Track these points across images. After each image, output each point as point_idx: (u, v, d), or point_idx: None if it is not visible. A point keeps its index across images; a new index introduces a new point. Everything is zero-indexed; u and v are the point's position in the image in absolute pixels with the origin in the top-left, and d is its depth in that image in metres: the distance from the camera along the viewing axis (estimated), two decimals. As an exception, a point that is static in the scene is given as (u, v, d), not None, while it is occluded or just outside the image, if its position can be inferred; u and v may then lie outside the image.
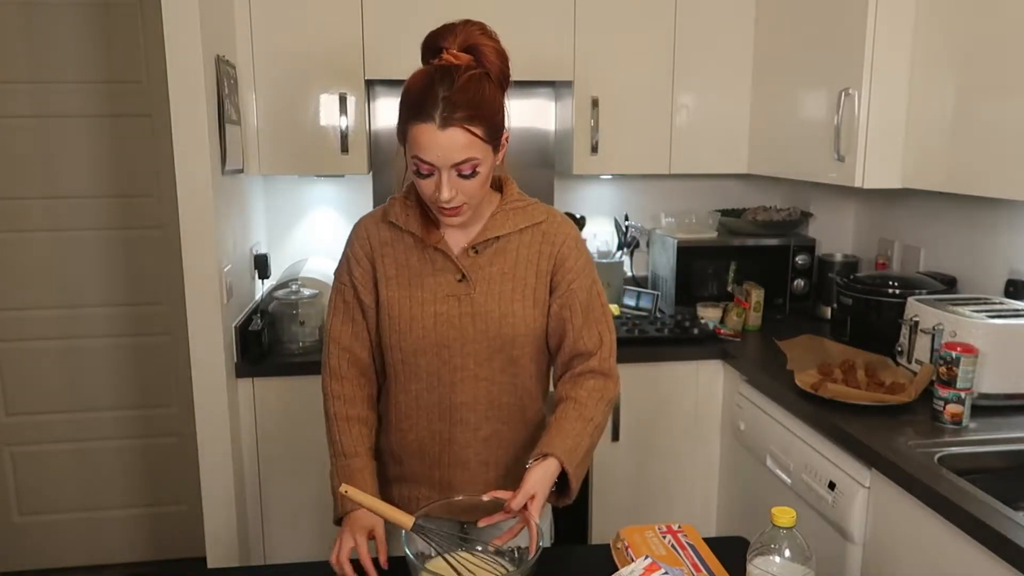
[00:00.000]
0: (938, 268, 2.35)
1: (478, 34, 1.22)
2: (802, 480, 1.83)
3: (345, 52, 2.35)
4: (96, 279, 2.73)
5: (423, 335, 1.31)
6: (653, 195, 2.92)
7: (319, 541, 2.28)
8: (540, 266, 1.34)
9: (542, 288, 1.34)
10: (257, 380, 2.24)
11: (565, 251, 1.34)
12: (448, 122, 1.15)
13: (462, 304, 1.31)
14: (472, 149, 1.18)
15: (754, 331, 2.52)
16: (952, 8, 1.84)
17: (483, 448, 1.37)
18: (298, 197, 2.78)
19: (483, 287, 1.31)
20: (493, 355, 1.32)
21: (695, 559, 1.21)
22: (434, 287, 1.31)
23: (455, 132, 1.15)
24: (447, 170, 1.18)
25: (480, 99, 1.18)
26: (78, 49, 2.57)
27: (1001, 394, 1.76)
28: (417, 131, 1.16)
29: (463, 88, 1.16)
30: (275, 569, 1.38)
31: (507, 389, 1.36)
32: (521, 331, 1.32)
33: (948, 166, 1.86)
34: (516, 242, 1.34)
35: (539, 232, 1.35)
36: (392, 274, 1.33)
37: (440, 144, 1.16)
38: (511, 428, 1.38)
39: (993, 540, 1.25)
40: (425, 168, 1.19)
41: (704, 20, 2.50)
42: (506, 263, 1.33)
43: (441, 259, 1.32)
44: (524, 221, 1.34)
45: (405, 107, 1.20)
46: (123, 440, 2.84)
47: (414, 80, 1.21)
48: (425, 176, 1.20)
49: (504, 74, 1.24)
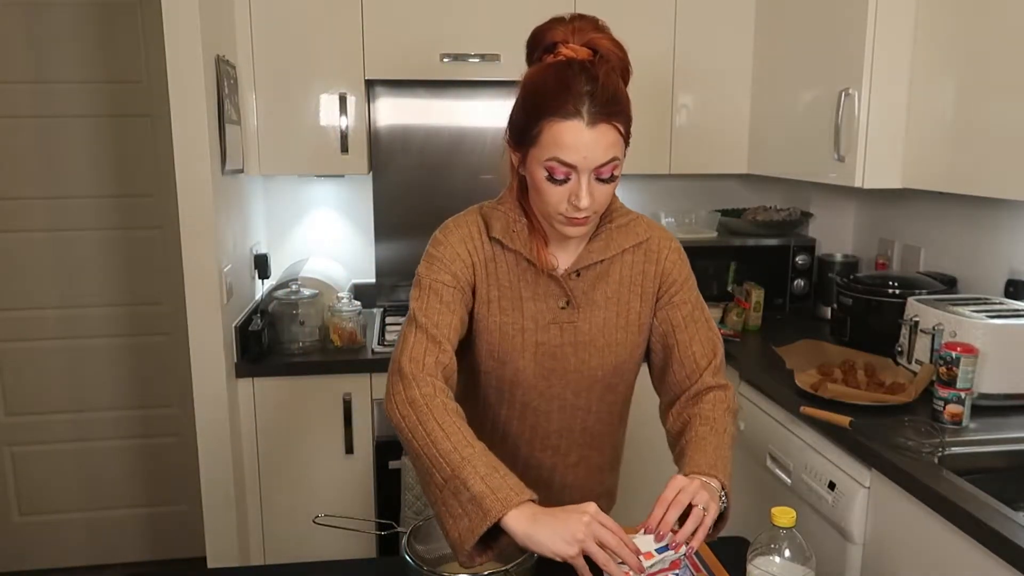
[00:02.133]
0: (938, 268, 2.34)
1: (591, 29, 1.13)
2: (802, 480, 1.83)
3: (345, 52, 2.35)
4: (96, 279, 2.73)
5: (523, 367, 1.21)
6: (653, 195, 2.92)
7: (319, 541, 2.28)
8: (645, 288, 1.24)
9: (647, 312, 1.25)
10: (257, 380, 2.24)
11: (668, 266, 1.25)
12: (597, 118, 1.05)
13: (564, 333, 1.21)
14: (616, 148, 1.09)
15: (754, 331, 2.52)
16: (952, 8, 1.83)
17: (569, 472, 1.32)
18: (298, 197, 2.78)
19: (586, 313, 1.21)
20: (593, 385, 1.25)
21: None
22: (535, 313, 1.20)
23: (605, 129, 1.06)
24: (587, 174, 1.08)
25: (620, 93, 1.10)
26: (78, 49, 2.57)
27: (1001, 394, 1.76)
28: (559, 129, 1.05)
29: (605, 83, 1.07)
30: (275, 569, 1.38)
31: (602, 417, 1.29)
32: (624, 360, 1.24)
33: (948, 166, 1.86)
34: (619, 263, 1.23)
35: (641, 251, 1.24)
36: (495, 296, 1.20)
37: (587, 143, 1.05)
38: (599, 452, 1.34)
39: (993, 540, 1.25)
40: (562, 172, 1.08)
41: (704, 20, 2.50)
42: (609, 287, 1.22)
43: (544, 282, 1.20)
44: (629, 241, 1.23)
45: (536, 105, 1.08)
46: (123, 440, 2.84)
47: (542, 76, 1.10)
48: (560, 182, 1.09)
49: (627, 66, 1.15)
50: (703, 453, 1.12)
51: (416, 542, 1.12)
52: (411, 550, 1.09)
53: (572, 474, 1.32)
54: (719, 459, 1.12)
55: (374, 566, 1.34)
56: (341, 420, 2.28)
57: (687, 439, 1.17)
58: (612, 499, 1.48)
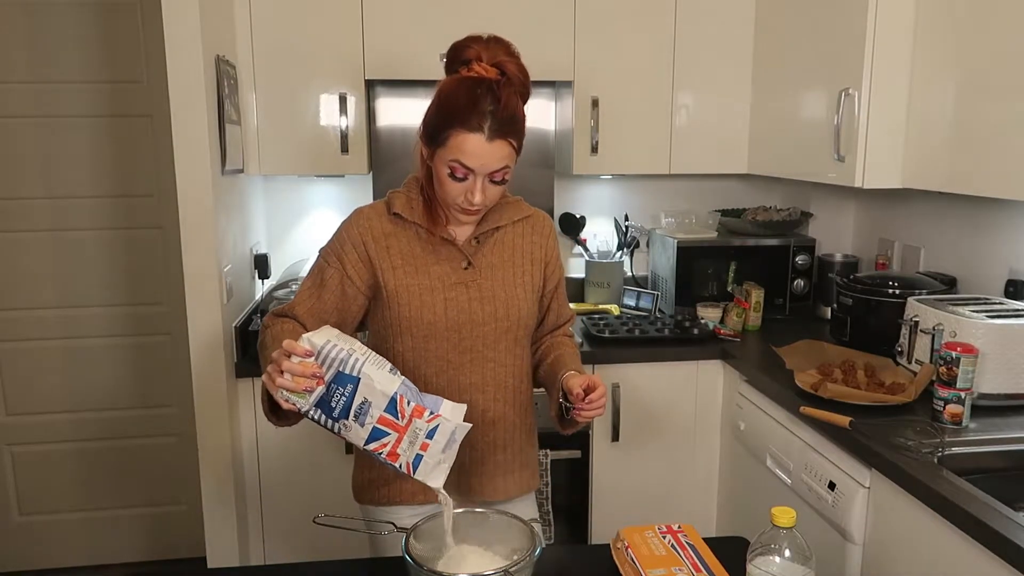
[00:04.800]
0: (938, 268, 2.35)
1: (503, 53, 1.31)
2: (802, 480, 1.83)
3: (345, 52, 2.35)
4: (96, 279, 2.73)
5: (434, 320, 1.37)
6: (653, 195, 2.92)
7: (319, 541, 2.28)
8: (535, 255, 1.47)
9: (537, 275, 1.47)
10: (257, 380, 2.24)
11: (552, 242, 1.51)
12: (495, 135, 1.26)
13: (470, 290, 1.39)
14: (509, 159, 1.30)
15: (754, 331, 2.52)
16: (952, 8, 1.84)
17: (490, 430, 1.43)
18: (298, 197, 2.78)
19: (487, 273, 1.41)
20: (500, 337, 1.41)
21: (695, 559, 1.21)
22: (441, 275, 1.38)
23: (500, 144, 1.27)
24: (483, 177, 1.29)
25: (518, 114, 1.30)
26: (78, 49, 2.58)
27: (1001, 394, 1.76)
28: (462, 139, 1.26)
29: (507, 105, 1.27)
30: (275, 569, 1.38)
31: (511, 371, 1.45)
32: (524, 313, 1.43)
33: (948, 166, 1.86)
34: (511, 233, 1.46)
35: (528, 225, 1.48)
36: (399, 263, 1.38)
37: (485, 153, 1.27)
38: (515, 410, 1.46)
39: (993, 540, 1.25)
40: (462, 172, 1.29)
41: (704, 20, 2.50)
42: (504, 252, 1.44)
43: (446, 248, 1.40)
44: (516, 214, 1.46)
45: (447, 114, 1.28)
46: (123, 440, 2.84)
47: (454, 89, 1.29)
48: (460, 180, 1.30)
49: (527, 89, 1.34)
50: (575, 363, 1.45)
51: (416, 542, 1.12)
52: (411, 550, 1.09)
53: (493, 431, 1.44)
54: (581, 368, 1.44)
55: (374, 566, 1.34)
56: (341, 420, 2.27)
57: (559, 354, 1.48)
58: (534, 474, 1.54)
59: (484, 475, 1.44)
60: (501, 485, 1.45)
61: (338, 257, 1.39)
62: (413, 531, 1.14)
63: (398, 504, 1.42)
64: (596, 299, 2.80)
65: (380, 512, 1.44)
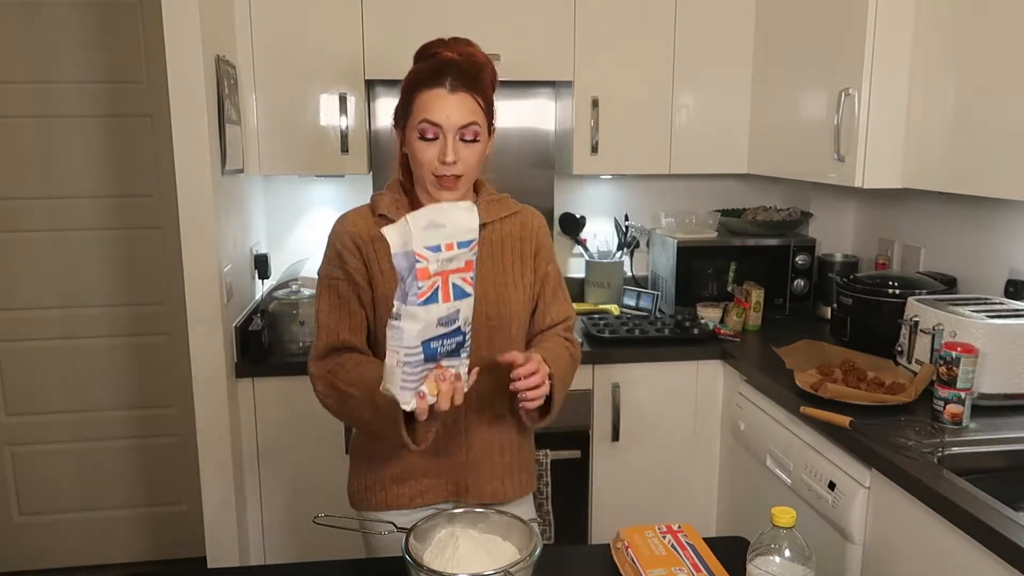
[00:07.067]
0: (938, 268, 2.35)
1: (465, 44, 1.34)
2: (802, 480, 1.83)
3: (345, 52, 2.36)
4: (96, 279, 2.73)
5: None
6: (653, 195, 2.92)
7: (318, 541, 2.28)
8: (524, 251, 1.44)
9: (528, 271, 1.44)
10: (257, 380, 2.24)
11: (542, 237, 1.47)
12: (457, 88, 1.27)
13: None
14: (476, 115, 1.29)
15: (754, 331, 2.52)
16: (952, 8, 1.84)
17: (487, 431, 1.42)
18: (298, 197, 2.78)
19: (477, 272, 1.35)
20: (493, 336, 1.38)
21: (695, 559, 1.21)
22: None
23: (464, 97, 1.28)
24: (453, 133, 1.28)
25: (482, 78, 1.31)
26: (79, 49, 2.58)
27: (1001, 394, 1.76)
28: (426, 96, 1.27)
29: (468, 66, 1.30)
30: (275, 569, 1.38)
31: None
32: (516, 311, 1.41)
33: (948, 166, 1.86)
34: (499, 231, 1.43)
35: (517, 221, 1.46)
36: (387, 267, 1.34)
37: (450, 106, 1.27)
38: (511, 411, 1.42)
39: (993, 540, 1.25)
40: (431, 131, 1.28)
41: (704, 20, 2.50)
42: (493, 250, 1.41)
43: None
44: (503, 211, 1.44)
45: (411, 83, 1.30)
46: (123, 440, 2.84)
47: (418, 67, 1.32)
48: (430, 140, 1.29)
49: (494, 72, 1.35)
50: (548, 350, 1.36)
51: (416, 542, 1.12)
52: (411, 550, 1.09)
53: (489, 433, 1.43)
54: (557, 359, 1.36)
55: (374, 566, 1.34)
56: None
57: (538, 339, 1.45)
58: (531, 476, 1.52)
59: (481, 477, 1.42)
60: (499, 488, 1.44)
61: (341, 269, 1.38)
62: (413, 531, 1.14)
63: (395, 509, 1.41)
64: (596, 299, 2.80)
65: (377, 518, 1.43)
